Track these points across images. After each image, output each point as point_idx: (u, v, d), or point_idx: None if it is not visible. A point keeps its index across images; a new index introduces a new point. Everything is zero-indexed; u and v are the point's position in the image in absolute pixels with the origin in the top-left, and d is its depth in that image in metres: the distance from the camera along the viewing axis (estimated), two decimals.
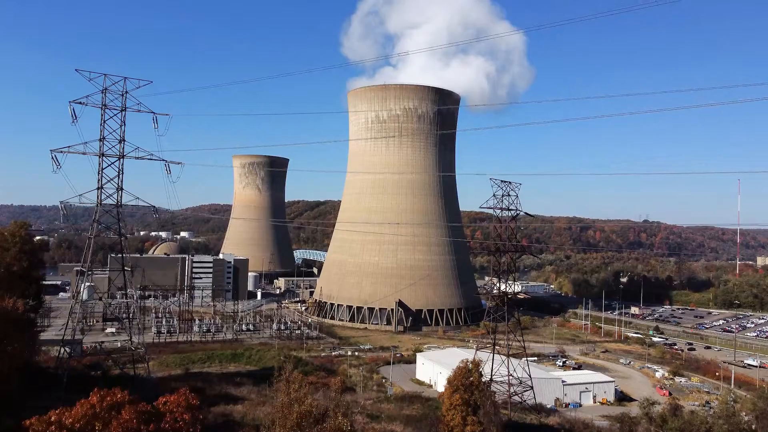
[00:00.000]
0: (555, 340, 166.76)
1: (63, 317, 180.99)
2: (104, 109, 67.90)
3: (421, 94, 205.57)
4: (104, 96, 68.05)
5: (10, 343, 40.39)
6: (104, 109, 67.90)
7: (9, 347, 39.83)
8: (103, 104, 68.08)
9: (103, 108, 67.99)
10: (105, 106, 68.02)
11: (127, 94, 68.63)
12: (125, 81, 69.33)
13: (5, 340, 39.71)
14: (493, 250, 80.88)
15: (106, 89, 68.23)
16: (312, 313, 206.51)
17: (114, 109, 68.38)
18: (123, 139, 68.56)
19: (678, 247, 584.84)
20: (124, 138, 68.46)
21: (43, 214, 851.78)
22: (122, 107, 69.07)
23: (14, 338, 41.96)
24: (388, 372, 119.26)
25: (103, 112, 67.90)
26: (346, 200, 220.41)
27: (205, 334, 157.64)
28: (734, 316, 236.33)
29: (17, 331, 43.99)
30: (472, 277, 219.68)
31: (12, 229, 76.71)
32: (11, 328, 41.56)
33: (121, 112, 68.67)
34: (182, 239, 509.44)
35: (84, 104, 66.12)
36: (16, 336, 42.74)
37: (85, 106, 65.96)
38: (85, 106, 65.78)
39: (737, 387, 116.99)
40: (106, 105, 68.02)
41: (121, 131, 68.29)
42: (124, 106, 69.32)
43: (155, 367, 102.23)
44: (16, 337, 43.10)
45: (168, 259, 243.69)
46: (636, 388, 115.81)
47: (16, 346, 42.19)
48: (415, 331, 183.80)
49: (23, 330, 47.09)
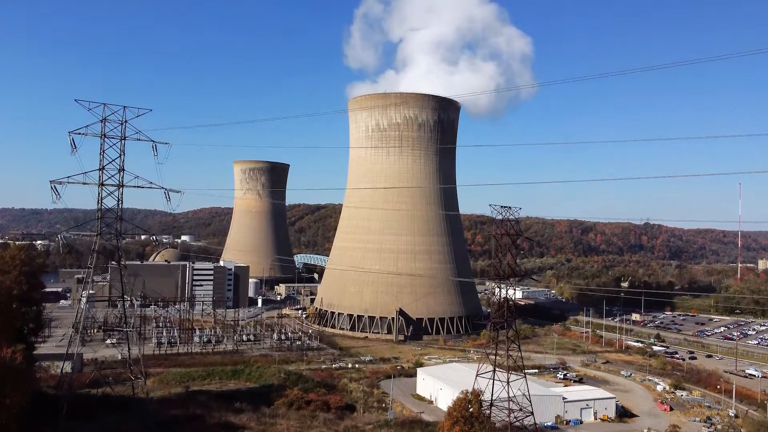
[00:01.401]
0: (556, 350, 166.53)
1: (63, 327, 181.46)
2: (104, 138, 67.84)
3: (421, 103, 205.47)
4: (103, 125, 68.00)
5: (8, 394, 40.30)
6: (104, 138, 67.84)
7: (8, 399, 39.74)
8: (103, 134, 67.89)
9: (103, 137, 67.88)
10: (104, 135, 67.90)
11: (126, 123, 68.75)
12: (125, 110, 69.36)
13: (4, 390, 39.63)
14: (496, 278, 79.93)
15: (105, 118, 68.26)
16: (313, 322, 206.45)
17: (113, 138, 68.41)
18: (122, 168, 68.41)
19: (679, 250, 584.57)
20: (123, 167, 68.39)
21: (44, 218, 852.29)
22: (122, 136, 69.03)
23: (12, 388, 41.85)
24: (388, 386, 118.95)
25: (103, 142, 67.82)
26: (346, 208, 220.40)
27: (206, 345, 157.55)
28: (735, 323, 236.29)
29: (15, 380, 43.90)
30: (473, 285, 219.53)
31: (12, 252, 76.73)
32: (9, 378, 41.45)
33: (120, 141, 68.68)
34: (183, 243, 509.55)
35: (83, 135, 66.09)
36: (13, 386, 42.64)
37: (85, 136, 65.91)
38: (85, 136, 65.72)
39: (738, 401, 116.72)
40: (105, 134, 67.93)
41: (121, 160, 68.14)
42: (124, 135, 69.19)
43: (155, 385, 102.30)
44: (14, 387, 43.01)
45: (168, 267, 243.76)
46: (637, 403, 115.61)
47: (15, 396, 42.10)
48: (416, 340, 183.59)
49: (22, 380, 47.03)
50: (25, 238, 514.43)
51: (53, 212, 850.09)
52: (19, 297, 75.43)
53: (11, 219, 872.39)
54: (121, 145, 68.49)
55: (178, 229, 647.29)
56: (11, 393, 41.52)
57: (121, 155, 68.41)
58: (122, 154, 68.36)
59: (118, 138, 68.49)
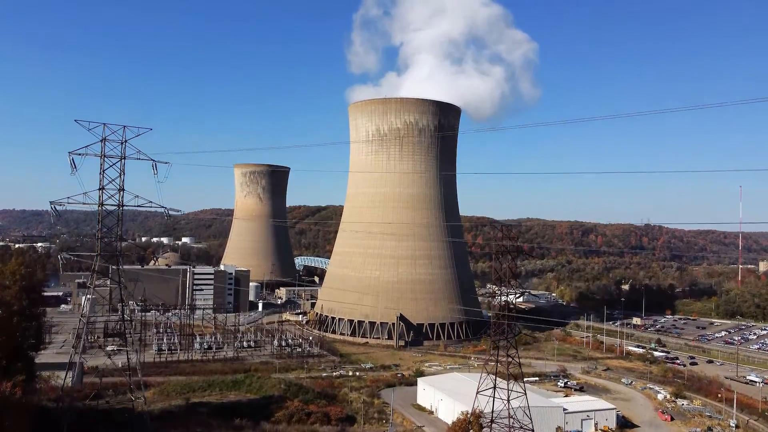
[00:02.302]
0: (556, 356, 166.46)
1: (64, 333, 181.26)
2: (103, 158, 67.79)
3: (422, 108, 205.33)
4: (103, 146, 67.87)
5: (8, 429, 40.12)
6: (103, 158, 67.79)
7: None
8: (103, 154, 67.82)
9: (103, 158, 67.85)
10: (104, 155, 67.87)
11: (126, 142, 68.63)
12: (124, 129, 69.29)
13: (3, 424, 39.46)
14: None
15: (105, 139, 68.17)
16: (313, 327, 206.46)
17: (113, 158, 68.36)
18: (122, 188, 68.35)
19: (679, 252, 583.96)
20: (123, 187, 68.32)
21: (45, 219, 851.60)
22: (122, 156, 68.96)
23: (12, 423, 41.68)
24: (389, 396, 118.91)
25: (103, 162, 67.75)
26: (347, 213, 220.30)
27: (206, 352, 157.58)
28: (736, 327, 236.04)
29: (16, 416, 43.79)
30: (474, 290, 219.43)
31: (12, 267, 76.59)
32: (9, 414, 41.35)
33: (120, 161, 68.62)
34: (184, 245, 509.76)
35: (83, 155, 65.98)
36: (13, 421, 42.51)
37: (85, 157, 65.83)
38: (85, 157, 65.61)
39: (739, 410, 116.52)
40: (105, 155, 67.89)
41: (121, 180, 68.13)
42: (124, 154, 69.10)
43: (156, 396, 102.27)
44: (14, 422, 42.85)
45: (169, 271, 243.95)
46: (638, 413, 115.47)
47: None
48: (417, 345, 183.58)
49: (22, 415, 46.94)
50: (25, 240, 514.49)
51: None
52: (19, 312, 75.41)
53: (12, 220, 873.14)
54: (120, 164, 68.47)
55: (179, 230, 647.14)
56: (11, 428, 41.38)
57: (121, 175, 68.41)
58: (122, 173, 68.41)
59: (118, 158, 68.45)
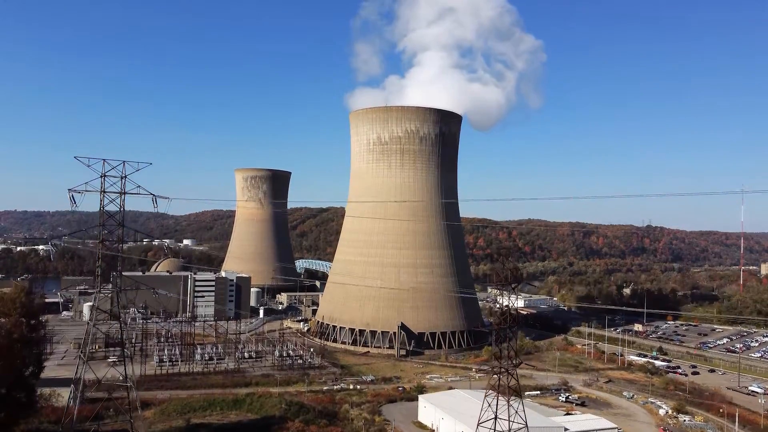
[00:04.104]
0: (558, 367, 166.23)
1: (65, 342, 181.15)
2: (103, 194, 67.58)
3: (423, 116, 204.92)
4: (103, 182, 67.78)
5: None
6: (103, 194, 67.58)
7: None
8: (102, 190, 67.71)
9: (102, 194, 67.66)
10: (104, 191, 67.68)
11: (125, 177, 68.35)
12: (124, 165, 69.11)
13: None
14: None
15: (105, 175, 67.93)
16: (314, 335, 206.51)
17: (113, 194, 68.20)
18: (122, 224, 68.17)
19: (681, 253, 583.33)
20: (123, 223, 68.05)
21: (47, 220, 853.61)
22: (121, 191, 68.80)
23: None
24: (390, 412, 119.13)
25: (102, 198, 67.64)
26: (347, 222, 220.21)
27: (207, 364, 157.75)
28: (738, 333, 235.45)
29: None
30: (475, 299, 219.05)
31: (12, 295, 76.59)
32: None
33: (120, 196, 68.46)
34: (185, 248, 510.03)
35: (82, 192, 65.72)
36: None
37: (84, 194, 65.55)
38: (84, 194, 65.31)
39: (741, 426, 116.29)
40: (105, 191, 67.68)
41: (120, 215, 67.93)
42: (123, 189, 69.00)
43: (156, 417, 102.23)
44: None
45: (170, 278, 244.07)
46: (639, 430, 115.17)
47: None
48: (418, 354, 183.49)
49: None
50: (27, 242, 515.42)
51: (55, 215, 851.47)
52: (19, 340, 75.36)
53: (14, 222, 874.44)
54: (120, 200, 68.33)
55: (180, 232, 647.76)
56: None
57: (121, 210, 68.11)
58: (122, 209, 68.08)
59: (117, 193, 68.27)
